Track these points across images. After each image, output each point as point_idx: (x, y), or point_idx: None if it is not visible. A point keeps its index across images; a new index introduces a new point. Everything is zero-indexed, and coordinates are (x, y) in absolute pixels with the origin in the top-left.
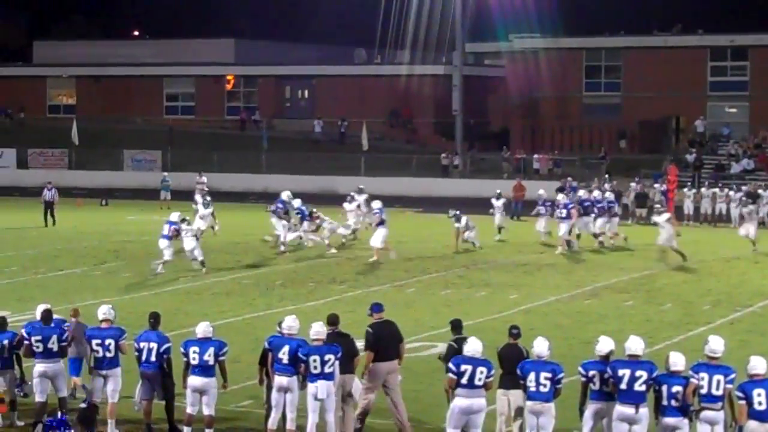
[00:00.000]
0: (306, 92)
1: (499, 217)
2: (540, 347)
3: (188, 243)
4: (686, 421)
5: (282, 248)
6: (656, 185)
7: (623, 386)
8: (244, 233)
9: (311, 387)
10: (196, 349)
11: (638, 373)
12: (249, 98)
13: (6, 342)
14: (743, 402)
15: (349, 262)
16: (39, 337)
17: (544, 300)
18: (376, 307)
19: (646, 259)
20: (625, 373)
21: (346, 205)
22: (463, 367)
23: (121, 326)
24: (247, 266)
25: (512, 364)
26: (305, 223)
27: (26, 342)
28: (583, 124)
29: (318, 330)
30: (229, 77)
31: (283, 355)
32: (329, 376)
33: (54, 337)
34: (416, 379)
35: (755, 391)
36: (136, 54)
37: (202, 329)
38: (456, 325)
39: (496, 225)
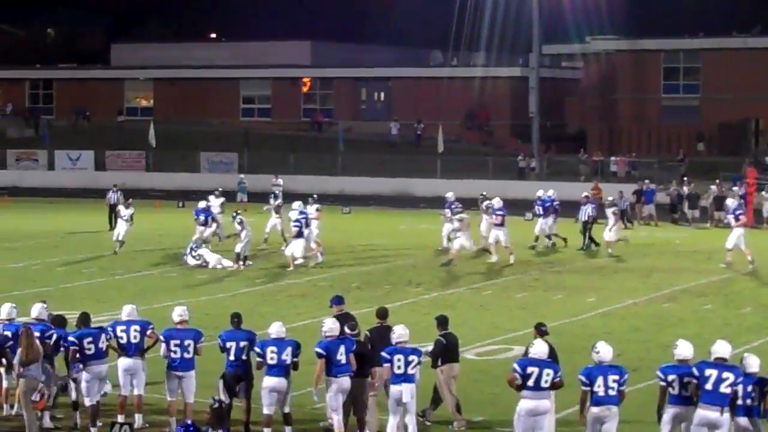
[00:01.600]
0: (382, 94)
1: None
2: (605, 352)
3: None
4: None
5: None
6: (734, 188)
7: (709, 387)
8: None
9: (394, 390)
10: (274, 349)
11: (725, 374)
12: (325, 100)
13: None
14: None
15: (426, 264)
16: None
17: (622, 303)
18: (337, 300)
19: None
20: (712, 373)
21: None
22: (529, 369)
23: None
24: (322, 268)
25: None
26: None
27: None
28: (661, 127)
29: (401, 333)
30: (305, 79)
31: (341, 356)
32: (411, 378)
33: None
34: (494, 382)
35: None
36: (212, 56)
37: (276, 329)
38: (441, 321)
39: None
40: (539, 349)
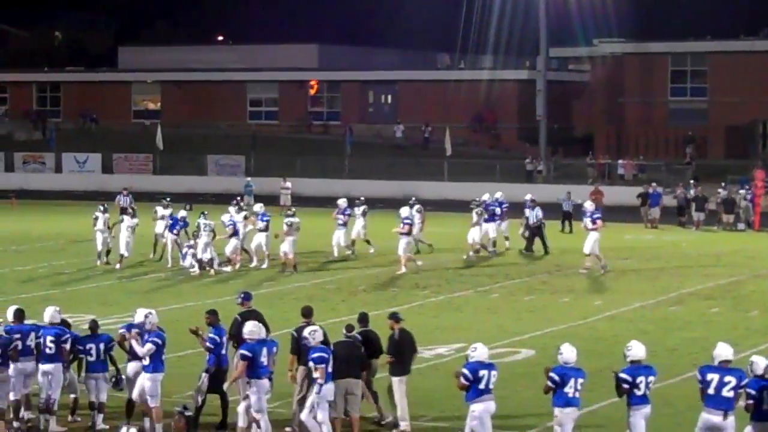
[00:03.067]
0: (389, 97)
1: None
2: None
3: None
4: None
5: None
6: (742, 191)
7: (711, 391)
8: (327, 238)
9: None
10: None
11: (727, 378)
12: (332, 103)
13: (102, 346)
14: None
15: (433, 267)
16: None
17: (629, 306)
18: (246, 296)
19: (733, 266)
20: (713, 377)
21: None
22: (481, 373)
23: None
24: (329, 271)
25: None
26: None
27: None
28: (669, 129)
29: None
30: (312, 82)
31: (264, 358)
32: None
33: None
34: (500, 385)
35: None
36: (219, 59)
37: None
38: (361, 318)
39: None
40: (482, 352)
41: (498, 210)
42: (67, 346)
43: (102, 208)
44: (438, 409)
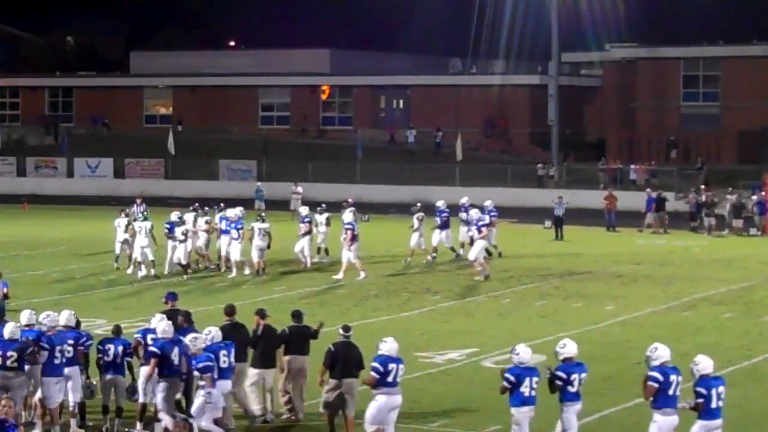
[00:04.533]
0: (401, 102)
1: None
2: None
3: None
4: None
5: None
6: (754, 196)
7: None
8: (338, 242)
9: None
10: (225, 352)
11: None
12: (344, 108)
13: (120, 349)
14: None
15: (444, 272)
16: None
17: (641, 312)
18: (170, 296)
19: (745, 271)
20: (675, 378)
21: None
22: (390, 366)
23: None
24: (337, 274)
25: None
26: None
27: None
28: (681, 134)
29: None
30: (324, 87)
31: (175, 356)
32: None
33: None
34: None
35: None
36: (231, 64)
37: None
38: (294, 314)
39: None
40: (392, 346)
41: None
42: (84, 349)
43: (124, 213)
44: (449, 414)
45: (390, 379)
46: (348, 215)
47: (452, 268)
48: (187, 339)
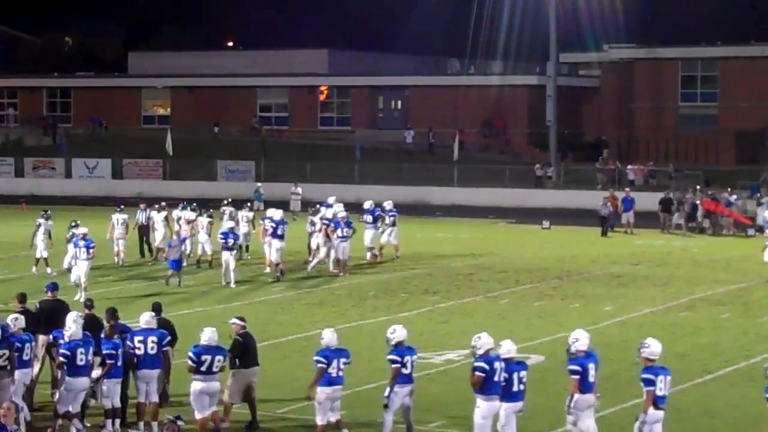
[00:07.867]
0: (399, 103)
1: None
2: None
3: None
4: None
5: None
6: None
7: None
8: None
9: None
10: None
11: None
12: (342, 109)
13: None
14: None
15: (443, 273)
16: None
17: (639, 312)
18: (51, 286)
19: (743, 272)
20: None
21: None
22: (204, 357)
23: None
24: (338, 277)
25: None
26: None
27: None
28: (679, 135)
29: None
30: (322, 88)
31: (81, 355)
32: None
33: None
34: None
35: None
36: (229, 65)
37: (209, 336)
38: (154, 308)
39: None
40: (210, 335)
41: (384, 216)
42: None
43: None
44: (447, 414)
45: (204, 368)
46: (278, 213)
47: (436, 269)
48: (9, 319)
